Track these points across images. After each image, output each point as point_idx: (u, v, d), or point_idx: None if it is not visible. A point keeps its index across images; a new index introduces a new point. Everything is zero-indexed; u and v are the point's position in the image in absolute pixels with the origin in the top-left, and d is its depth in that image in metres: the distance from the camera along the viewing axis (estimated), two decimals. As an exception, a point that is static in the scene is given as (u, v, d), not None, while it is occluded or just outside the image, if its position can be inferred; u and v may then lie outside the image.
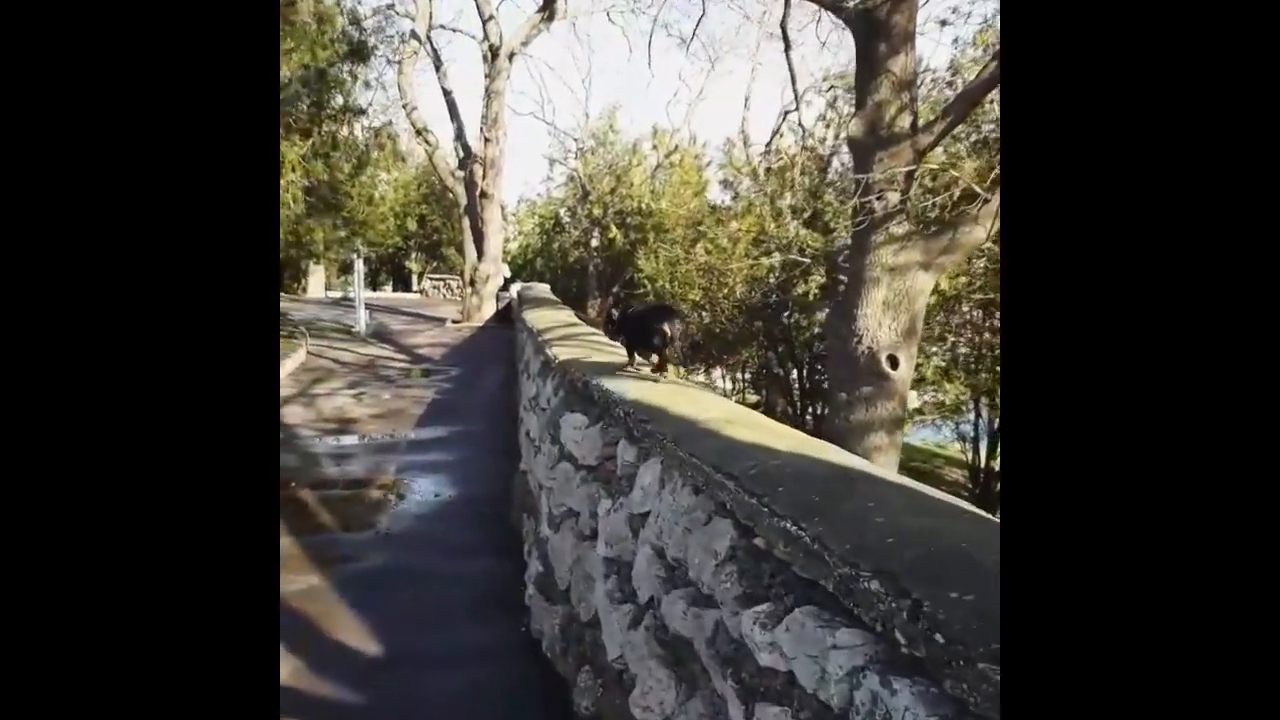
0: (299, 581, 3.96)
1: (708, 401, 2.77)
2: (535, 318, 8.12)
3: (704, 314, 12.31)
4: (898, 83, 6.04)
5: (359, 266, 16.04)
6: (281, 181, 8.92)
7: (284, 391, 9.60)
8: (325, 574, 4.08)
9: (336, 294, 26.93)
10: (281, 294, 25.80)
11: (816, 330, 11.54)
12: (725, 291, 11.86)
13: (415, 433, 7.64)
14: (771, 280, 11.74)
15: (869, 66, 6.19)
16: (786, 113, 10.46)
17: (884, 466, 3.80)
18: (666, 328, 3.23)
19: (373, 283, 37.05)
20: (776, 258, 11.74)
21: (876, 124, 6.14)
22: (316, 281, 30.11)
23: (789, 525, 1.57)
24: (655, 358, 3.33)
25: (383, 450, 6.91)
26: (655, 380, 3.18)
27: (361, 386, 10.16)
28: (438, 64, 18.79)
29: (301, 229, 9.46)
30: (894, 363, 6.06)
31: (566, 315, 7.57)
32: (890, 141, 6.10)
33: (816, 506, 1.62)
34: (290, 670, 3.09)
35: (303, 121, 9.23)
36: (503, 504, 5.27)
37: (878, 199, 6.10)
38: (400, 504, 5.38)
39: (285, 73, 9.34)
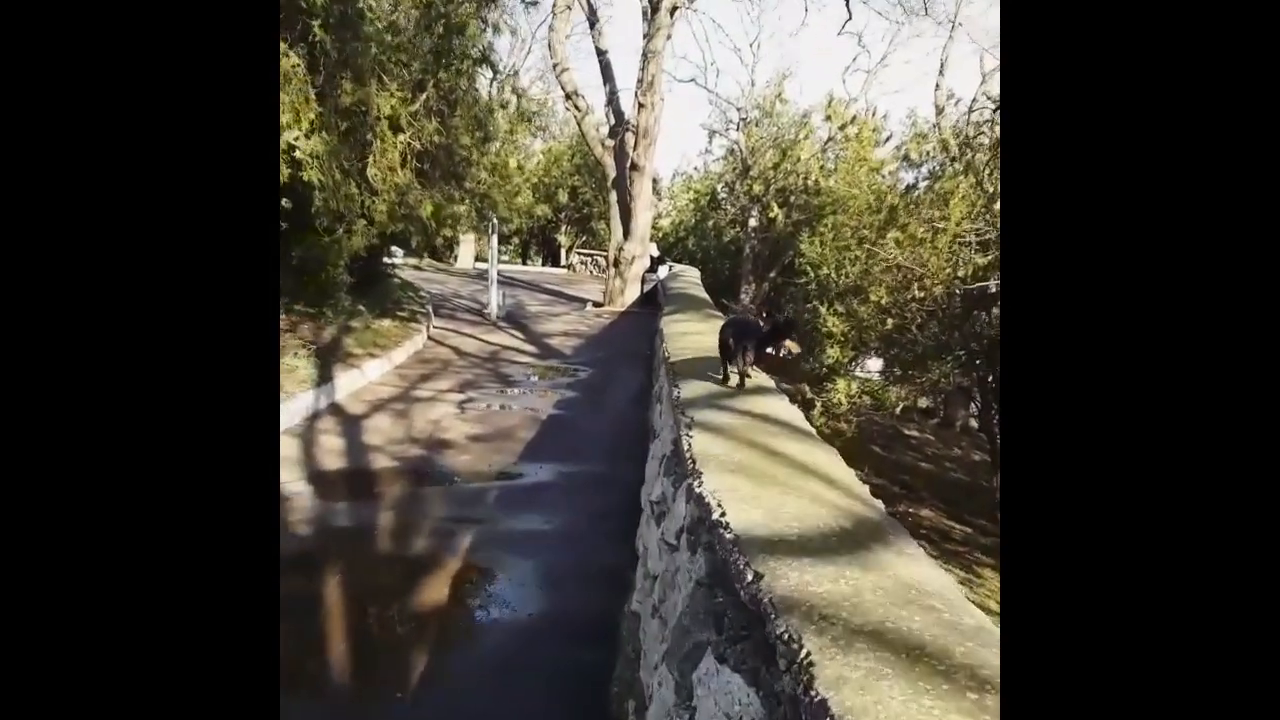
0: None
1: None
2: (675, 335, 6.16)
3: (888, 320, 9.91)
4: None
5: (493, 244, 14.78)
6: (386, 144, 7.45)
7: (384, 392, 8.23)
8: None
9: (484, 265, 26.17)
10: (431, 263, 25.34)
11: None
12: (920, 292, 9.39)
13: (516, 469, 5.94)
14: (961, 276, 9.12)
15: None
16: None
17: None
18: (740, 341, 3.75)
19: (523, 255, 36.50)
20: (981, 257, 9.12)
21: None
22: (466, 251, 29.69)
23: None
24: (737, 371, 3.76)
25: (466, 503, 5.24)
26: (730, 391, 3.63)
27: (472, 389, 8.65)
28: (592, 20, 17.14)
29: (411, 198, 7.90)
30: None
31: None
32: None
33: None
34: None
35: (415, 73, 7.63)
36: (605, 644, 3.41)
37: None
38: (458, 629, 3.62)
39: (399, 15, 7.82)
